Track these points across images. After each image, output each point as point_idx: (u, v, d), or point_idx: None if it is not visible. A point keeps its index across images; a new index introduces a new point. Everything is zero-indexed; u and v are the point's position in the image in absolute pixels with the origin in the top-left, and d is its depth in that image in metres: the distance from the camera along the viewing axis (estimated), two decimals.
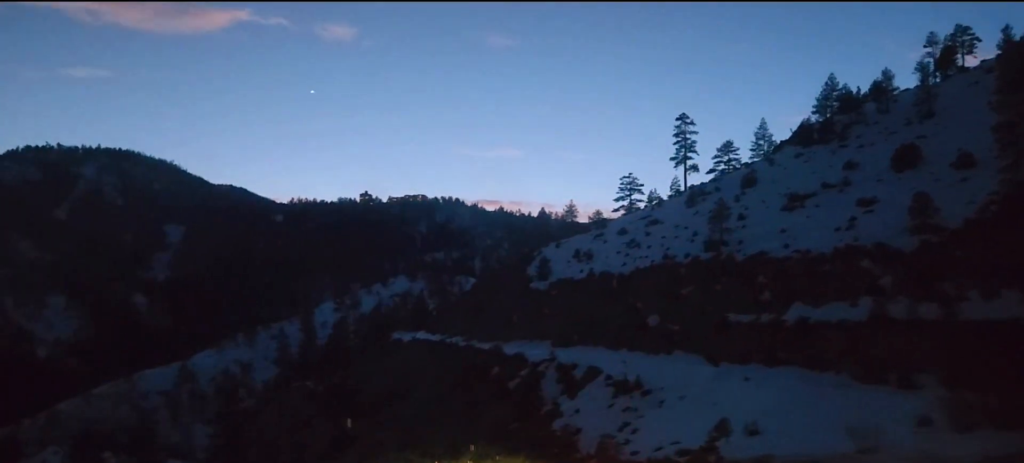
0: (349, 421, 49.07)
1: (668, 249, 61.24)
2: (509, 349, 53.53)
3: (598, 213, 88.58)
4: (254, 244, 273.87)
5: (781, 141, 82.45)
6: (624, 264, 63.23)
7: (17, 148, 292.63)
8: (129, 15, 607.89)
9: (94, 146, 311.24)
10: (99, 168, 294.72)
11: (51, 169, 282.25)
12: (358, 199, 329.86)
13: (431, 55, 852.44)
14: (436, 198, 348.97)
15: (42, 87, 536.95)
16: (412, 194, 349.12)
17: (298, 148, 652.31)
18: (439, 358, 57.02)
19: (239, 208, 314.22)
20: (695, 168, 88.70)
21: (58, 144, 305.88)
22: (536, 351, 51.41)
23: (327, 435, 52.26)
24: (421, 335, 72.01)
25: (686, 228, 65.18)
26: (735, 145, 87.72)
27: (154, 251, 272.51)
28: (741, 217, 60.79)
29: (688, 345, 50.34)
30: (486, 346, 57.62)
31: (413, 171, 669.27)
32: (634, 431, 37.71)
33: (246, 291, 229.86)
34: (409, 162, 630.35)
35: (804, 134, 77.60)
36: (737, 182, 71.40)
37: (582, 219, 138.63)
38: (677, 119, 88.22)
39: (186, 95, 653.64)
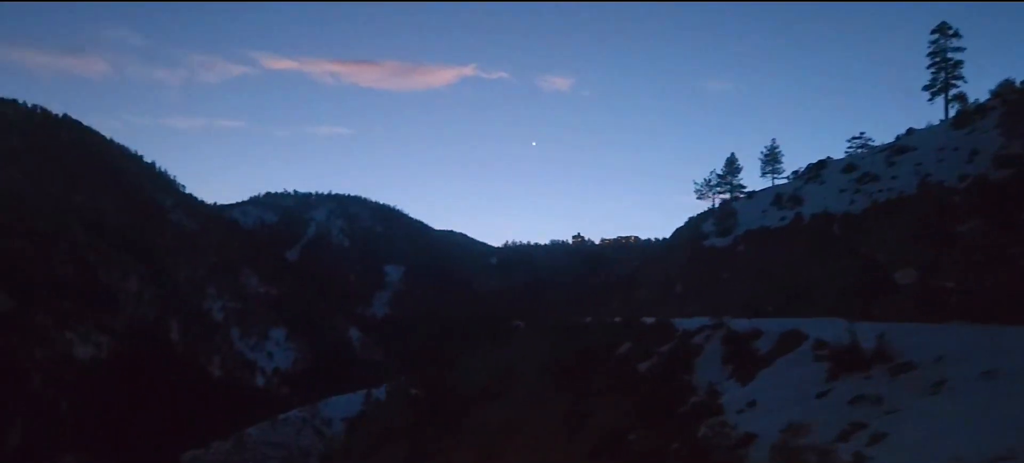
0: None
1: (928, 174, 38.35)
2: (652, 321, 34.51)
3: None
4: (468, 284, 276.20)
5: None
6: (852, 203, 41.06)
7: (259, 195, 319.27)
8: (367, 76, 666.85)
9: (326, 192, 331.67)
10: (329, 212, 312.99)
11: (287, 213, 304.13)
12: (570, 241, 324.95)
13: (647, 101, 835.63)
14: (648, 239, 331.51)
15: (289, 144, 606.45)
16: (624, 235, 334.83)
17: (515, 193, 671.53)
18: (555, 342, 39.49)
19: (456, 251, 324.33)
20: (962, 98, 57.73)
21: (295, 191, 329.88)
22: (694, 323, 32.10)
23: (400, 455, 36.95)
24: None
25: (956, 150, 41.40)
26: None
27: (375, 290, 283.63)
28: None
29: (970, 312, 28.15)
30: (617, 320, 38.82)
31: (625, 214, 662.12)
32: (876, 438, 17.07)
33: (457, 327, 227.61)
34: (622, 205, 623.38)
35: None
36: None
37: None
38: (933, 32, 58.50)
39: (414, 146, 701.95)
